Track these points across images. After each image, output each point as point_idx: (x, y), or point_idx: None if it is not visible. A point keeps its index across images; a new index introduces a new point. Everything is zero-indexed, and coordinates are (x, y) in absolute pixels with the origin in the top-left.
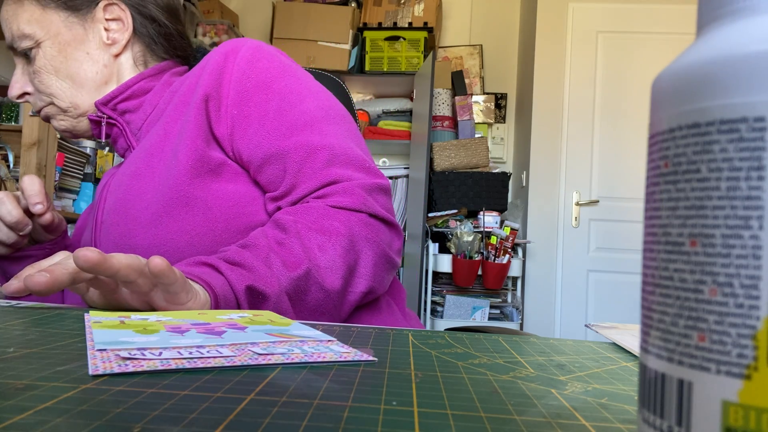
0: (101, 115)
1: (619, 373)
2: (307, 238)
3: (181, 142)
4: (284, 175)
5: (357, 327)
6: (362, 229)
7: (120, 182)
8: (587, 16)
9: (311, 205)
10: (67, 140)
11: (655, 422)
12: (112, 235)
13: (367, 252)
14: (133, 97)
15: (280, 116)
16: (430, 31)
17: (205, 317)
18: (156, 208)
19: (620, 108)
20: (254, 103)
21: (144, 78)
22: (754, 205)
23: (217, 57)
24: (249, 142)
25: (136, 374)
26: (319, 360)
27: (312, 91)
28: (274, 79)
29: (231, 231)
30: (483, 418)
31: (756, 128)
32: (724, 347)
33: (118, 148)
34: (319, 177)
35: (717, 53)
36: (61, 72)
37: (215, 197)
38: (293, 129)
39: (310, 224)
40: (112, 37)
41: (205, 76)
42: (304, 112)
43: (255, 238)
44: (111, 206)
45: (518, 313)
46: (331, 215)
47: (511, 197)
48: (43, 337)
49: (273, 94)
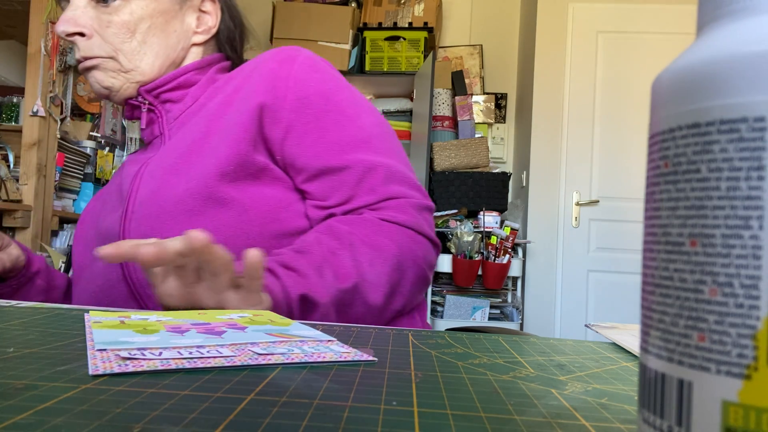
0: (142, 100)
1: (619, 373)
2: (359, 252)
3: (222, 141)
4: (340, 187)
5: (357, 327)
6: (409, 247)
7: (153, 174)
8: (587, 16)
9: (365, 217)
10: (67, 140)
11: (655, 422)
12: (143, 228)
13: (410, 272)
14: (178, 89)
15: (340, 129)
16: (430, 31)
17: (205, 317)
18: (191, 204)
19: (620, 108)
20: (313, 113)
21: (191, 70)
22: (754, 205)
23: (272, 64)
24: (306, 151)
25: (136, 374)
26: (319, 360)
27: (366, 107)
28: (332, 92)
29: (265, 235)
30: (483, 418)
31: (756, 128)
32: (724, 347)
33: (146, 133)
34: (377, 192)
35: (717, 53)
36: (143, 35)
37: (252, 200)
38: (353, 144)
39: (363, 238)
40: (202, 28)
41: (257, 81)
42: (362, 128)
43: (310, 244)
44: (144, 197)
45: (518, 313)
46: (384, 231)
47: (511, 197)
48: (43, 337)
49: (332, 106)
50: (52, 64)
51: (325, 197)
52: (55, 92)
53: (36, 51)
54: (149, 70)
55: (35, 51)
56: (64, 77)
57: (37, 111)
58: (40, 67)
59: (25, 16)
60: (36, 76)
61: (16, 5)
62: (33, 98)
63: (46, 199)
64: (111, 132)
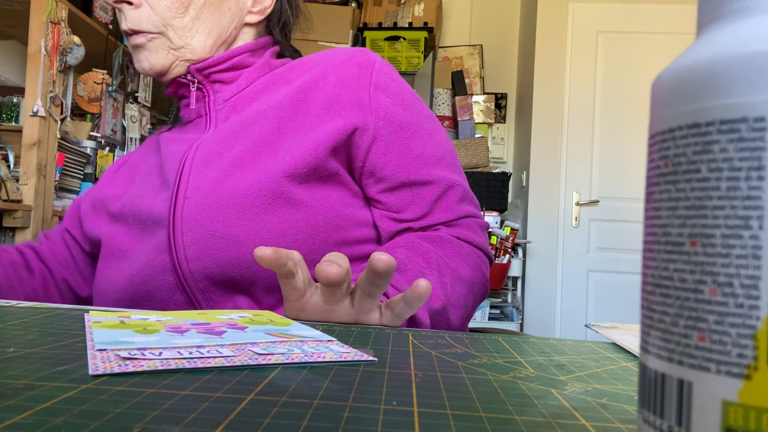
0: (192, 79)
1: (619, 373)
2: (444, 273)
3: (299, 142)
4: (419, 201)
5: (357, 327)
6: (479, 268)
7: (209, 162)
8: (587, 16)
9: (443, 236)
10: (67, 140)
11: (655, 422)
12: (201, 217)
13: (479, 292)
14: (231, 70)
15: (422, 143)
16: (430, 31)
17: (205, 317)
18: (259, 201)
19: (620, 108)
20: (398, 121)
21: (245, 51)
22: (754, 205)
23: (351, 68)
24: (391, 161)
25: (136, 374)
26: (319, 360)
27: (437, 121)
28: (412, 103)
29: (329, 241)
30: (483, 418)
31: (756, 128)
32: (724, 347)
33: (189, 112)
34: (453, 211)
35: (717, 53)
36: (196, 11)
37: (319, 203)
38: (434, 160)
39: (446, 258)
40: (258, 8)
41: (337, 85)
42: (440, 145)
43: (402, 263)
44: (200, 184)
45: (518, 313)
46: (462, 253)
47: (511, 197)
48: (43, 337)
49: (413, 117)
50: (52, 64)
51: (401, 209)
52: (55, 92)
53: (36, 51)
54: (200, 49)
55: (35, 51)
56: (64, 77)
57: (37, 111)
58: (40, 67)
59: (25, 16)
60: (36, 76)
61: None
62: (33, 98)
63: (46, 199)
64: (111, 132)
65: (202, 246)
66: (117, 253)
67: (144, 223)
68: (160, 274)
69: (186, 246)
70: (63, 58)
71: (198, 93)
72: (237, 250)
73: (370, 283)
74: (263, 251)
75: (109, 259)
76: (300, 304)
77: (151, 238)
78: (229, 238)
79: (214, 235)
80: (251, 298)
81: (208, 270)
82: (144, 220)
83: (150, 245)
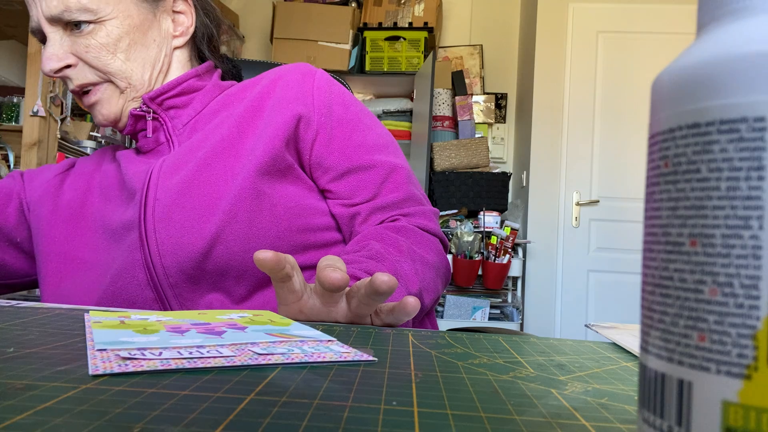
0: (146, 109)
1: (619, 373)
2: (415, 260)
3: (260, 140)
4: (366, 185)
5: (357, 327)
6: (441, 254)
7: (177, 168)
8: (587, 16)
9: (405, 226)
10: (67, 140)
11: (655, 422)
12: (174, 215)
13: (443, 276)
14: (183, 94)
15: (363, 134)
16: (430, 31)
17: (205, 317)
18: (228, 198)
19: (620, 108)
20: (338, 118)
21: (194, 76)
22: (754, 205)
23: (296, 75)
24: (334, 151)
25: (136, 374)
26: (319, 360)
27: (377, 119)
28: (351, 103)
29: (292, 229)
30: (483, 418)
31: (756, 128)
32: (724, 347)
33: (147, 141)
34: (401, 191)
35: (717, 53)
36: (124, 53)
37: (280, 195)
38: (375, 147)
39: (413, 246)
40: (180, 30)
41: (286, 90)
42: (381, 135)
43: (378, 252)
44: (169, 187)
45: (518, 313)
46: (425, 241)
47: (511, 197)
48: (43, 337)
49: (353, 114)
50: None
51: (351, 195)
52: (55, 92)
53: (36, 51)
54: (140, 84)
55: (35, 51)
56: None
57: (37, 111)
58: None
59: (25, 16)
60: (36, 76)
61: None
62: (33, 98)
63: None
64: (111, 132)
65: (175, 241)
66: (76, 261)
67: (113, 232)
68: (130, 270)
69: (159, 242)
70: None
71: (155, 123)
72: (210, 241)
73: (370, 298)
74: (264, 254)
75: (77, 277)
76: (298, 306)
77: (120, 243)
78: (202, 231)
79: (188, 231)
80: (222, 292)
81: (182, 263)
82: (114, 230)
83: (119, 249)
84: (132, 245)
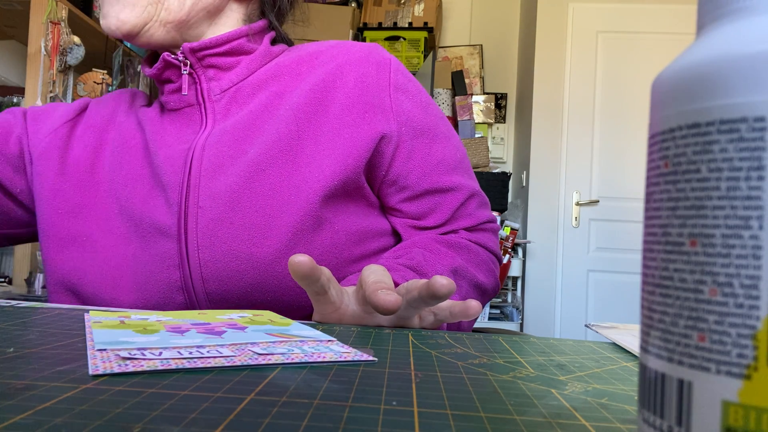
0: (184, 59)
1: (619, 373)
2: (461, 278)
3: (328, 155)
4: (441, 209)
5: (357, 327)
6: (493, 274)
7: (221, 166)
8: (587, 16)
9: (461, 241)
10: None
11: (655, 422)
12: (220, 233)
13: (489, 297)
14: (230, 55)
15: (442, 149)
16: (430, 31)
17: (205, 317)
18: (286, 223)
19: (620, 108)
20: (419, 127)
21: (243, 36)
22: (754, 205)
23: (369, 67)
24: (415, 168)
25: (136, 374)
26: (319, 360)
27: (447, 119)
28: (427, 102)
29: (351, 259)
30: (483, 418)
31: (756, 128)
32: (724, 347)
33: (176, 99)
34: (474, 217)
35: (717, 53)
36: None
37: (342, 220)
38: (453, 165)
39: (465, 264)
40: None
41: (356, 85)
42: (458, 148)
43: (419, 263)
44: (215, 194)
45: (518, 313)
46: (480, 260)
47: (511, 197)
48: (43, 337)
49: (432, 120)
50: (52, 64)
51: (423, 217)
52: (55, 92)
53: (36, 51)
54: (177, 8)
55: (35, 51)
56: (64, 77)
57: None
58: (40, 67)
59: (25, 16)
60: (36, 76)
61: (16, 5)
62: (33, 98)
63: None
64: None
65: (223, 266)
66: (81, 239)
67: (137, 224)
68: (166, 292)
69: (203, 264)
70: (63, 58)
71: (189, 78)
72: (260, 272)
73: (423, 301)
74: (301, 257)
75: (69, 246)
76: (337, 315)
77: (147, 244)
78: (254, 259)
79: (237, 256)
80: None
81: (227, 292)
82: (138, 222)
83: (147, 253)
84: (168, 260)
